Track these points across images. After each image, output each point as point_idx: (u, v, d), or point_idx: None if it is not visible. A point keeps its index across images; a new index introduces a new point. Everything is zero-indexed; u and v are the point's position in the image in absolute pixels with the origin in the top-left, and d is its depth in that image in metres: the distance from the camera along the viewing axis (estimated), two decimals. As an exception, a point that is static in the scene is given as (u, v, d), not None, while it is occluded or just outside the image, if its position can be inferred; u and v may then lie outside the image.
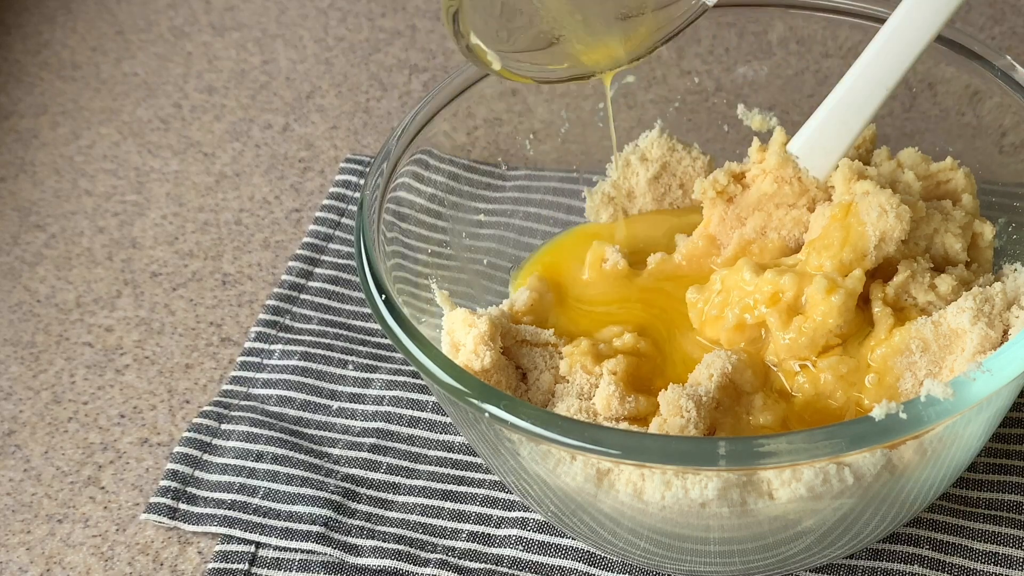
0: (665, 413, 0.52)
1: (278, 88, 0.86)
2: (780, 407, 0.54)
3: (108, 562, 0.60)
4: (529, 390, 0.57)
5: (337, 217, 0.75)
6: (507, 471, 0.54)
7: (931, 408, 0.46)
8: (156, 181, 0.80)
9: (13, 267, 0.75)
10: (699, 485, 0.48)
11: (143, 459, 0.64)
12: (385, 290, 0.53)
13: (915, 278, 0.56)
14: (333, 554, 0.59)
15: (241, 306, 0.72)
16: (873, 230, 0.55)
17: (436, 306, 0.59)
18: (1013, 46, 0.82)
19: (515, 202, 0.68)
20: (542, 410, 0.48)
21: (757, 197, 0.59)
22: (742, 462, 0.46)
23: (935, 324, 0.53)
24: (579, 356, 0.56)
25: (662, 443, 0.47)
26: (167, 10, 0.93)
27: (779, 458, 0.46)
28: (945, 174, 0.61)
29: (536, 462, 0.51)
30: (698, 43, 0.69)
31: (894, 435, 0.46)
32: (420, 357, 0.51)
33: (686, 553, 0.53)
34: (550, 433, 0.47)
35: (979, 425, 0.51)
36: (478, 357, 0.54)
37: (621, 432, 0.49)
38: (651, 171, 0.65)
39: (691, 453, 0.46)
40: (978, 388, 0.47)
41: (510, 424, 0.48)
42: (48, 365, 0.69)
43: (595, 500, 0.51)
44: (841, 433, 0.46)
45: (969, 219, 0.59)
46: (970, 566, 0.56)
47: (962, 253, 0.58)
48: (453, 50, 0.87)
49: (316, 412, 0.65)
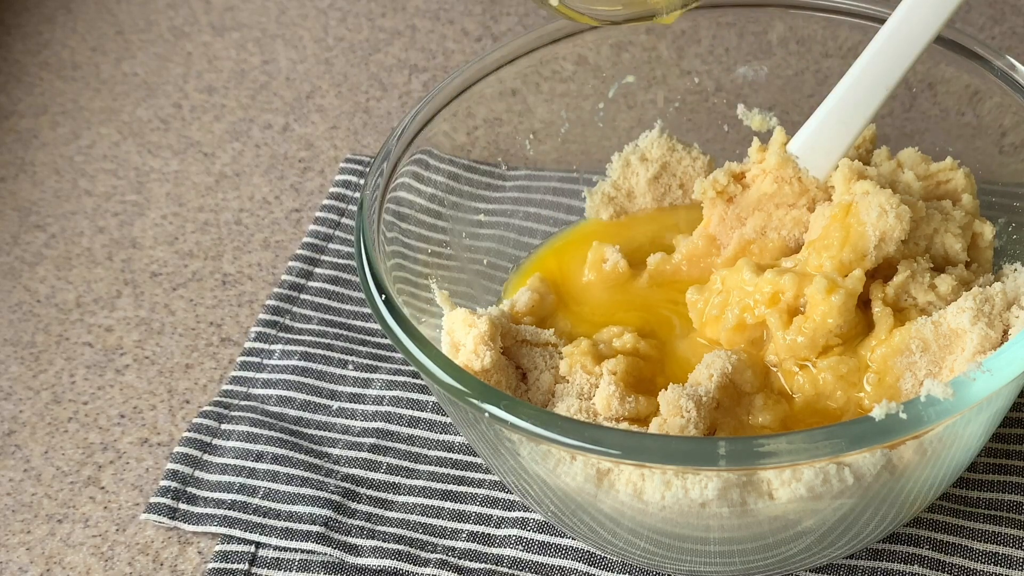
0: (665, 413, 0.52)
1: (278, 88, 0.86)
2: (780, 407, 0.54)
3: (108, 562, 0.60)
4: (529, 390, 0.57)
5: (337, 217, 0.75)
6: (507, 471, 0.54)
7: (931, 408, 0.46)
8: (156, 181, 0.80)
9: (13, 267, 0.75)
10: (699, 485, 0.48)
11: (143, 459, 0.64)
12: (385, 290, 0.53)
13: (915, 278, 0.56)
14: (333, 554, 0.59)
15: (241, 306, 0.72)
16: (873, 230, 0.55)
17: (436, 306, 0.59)
18: (1013, 46, 0.82)
19: (515, 202, 0.68)
20: (542, 410, 0.48)
21: (757, 197, 0.59)
22: (742, 462, 0.46)
23: (935, 324, 0.53)
24: (579, 356, 0.56)
25: (662, 443, 0.47)
26: (167, 10, 0.93)
27: (779, 458, 0.46)
28: (945, 174, 0.61)
29: (536, 462, 0.51)
30: (698, 43, 0.69)
31: (894, 435, 0.46)
32: (420, 357, 0.51)
33: (686, 553, 0.53)
34: (550, 433, 0.47)
35: (979, 425, 0.51)
36: (478, 357, 0.54)
37: (621, 432, 0.49)
38: (651, 171, 0.65)
39: (691, 453, 0.46)
40: (978, 388, 0.47)
41: (510, 424, 0.48)
42: (48, 365, 0.69)
43: (595, 500, 0.51)
44: (841, 433, 0.46)
45: (969, 219, 0.59)
46: (970, 566, 0.56)
47: (962, 253, 0.58)
48: (453, 50, 0.87)
49: (316, 412, 0.65)
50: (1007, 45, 0.82)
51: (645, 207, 0.66)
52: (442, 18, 0.90)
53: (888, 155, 0.63)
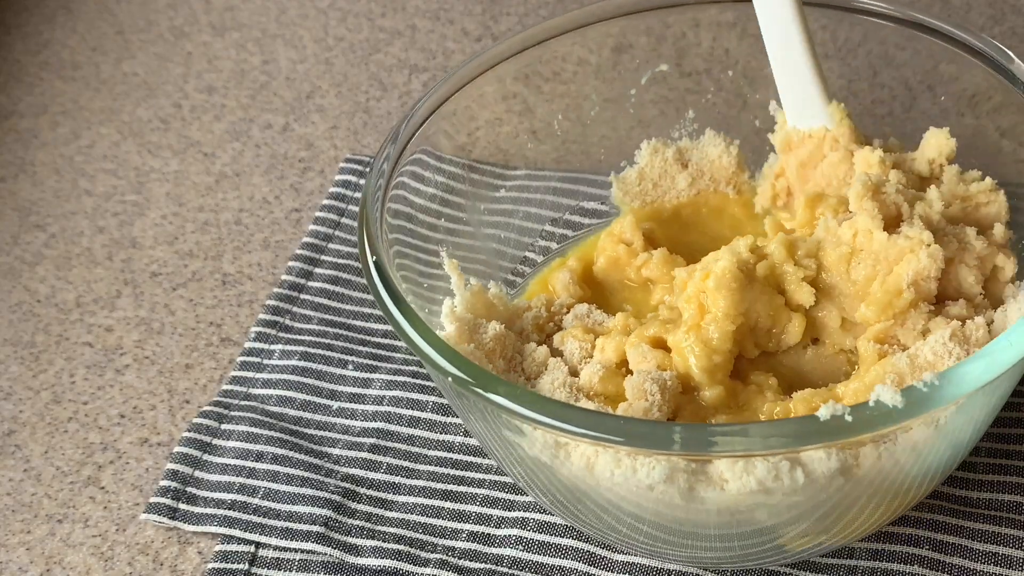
0: (631, 397, 0.53)
1: (278, 88, 0.86)
2: (739, 417, 0.54)
3: (108, 562, 0.60)
4: (524, 361, 0.57)
5: (337, 217, 0.75)
6: (480, 433, 0.55)
7: (877, 412, 0.46)
8: (156, 181, 0.80)
9: (13, 267, 0.75)
10: (647, 466, 0.49)
11: (143, 459, 0.64)
12: (377, 252, 0.55)
13: (904, 325, 0.54)
14: (333, 554, 0.59)
15: (241, 306, 0.72)
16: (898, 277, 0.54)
17: (436, 306, 0.59)
18: (1013, 46, 0.82)
19: (515, 202, 0.68)
20: (498, 378, 0.49)
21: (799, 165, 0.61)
22: (693, 448, 0.46)
23: (911, 357, 0.52)
24: (575, 331, 0.58)
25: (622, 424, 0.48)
26: (167, 10, 0.93)
27: (724, 447, 0.46)
28: (986, 195, 0.58)
29: (507, 428, 0.51)
30: (698, 44, 0.69)
31: (839, 436, 0.46)
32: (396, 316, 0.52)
33: (647, 536, 0.53)
34: (507, 402, 0.48)
35: (942, 438, 0.50)
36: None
37: (579, 410, 0.50)
38: (679, 160, 0.66)
39: (647, 435, 0.47)
40: (929, 397, 0.46)
41: (472, 389, 0.49)
42: (48, 365, 0.69)
43: (552, 470, 0.51)
44: (785, 430, 0.46)
45: (992, 251, 0.55)
46: (970, 566, 0.56)
47: (976, 286, 0.55)
48: (453, 50, 0.87)
49: (316, 412, 0.65)
50: (1007, 45, 0.81)
51: (672, 196, 0.66)
52: (442, 18, 0.90)
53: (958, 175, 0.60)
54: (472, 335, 0.56)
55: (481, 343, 0.56)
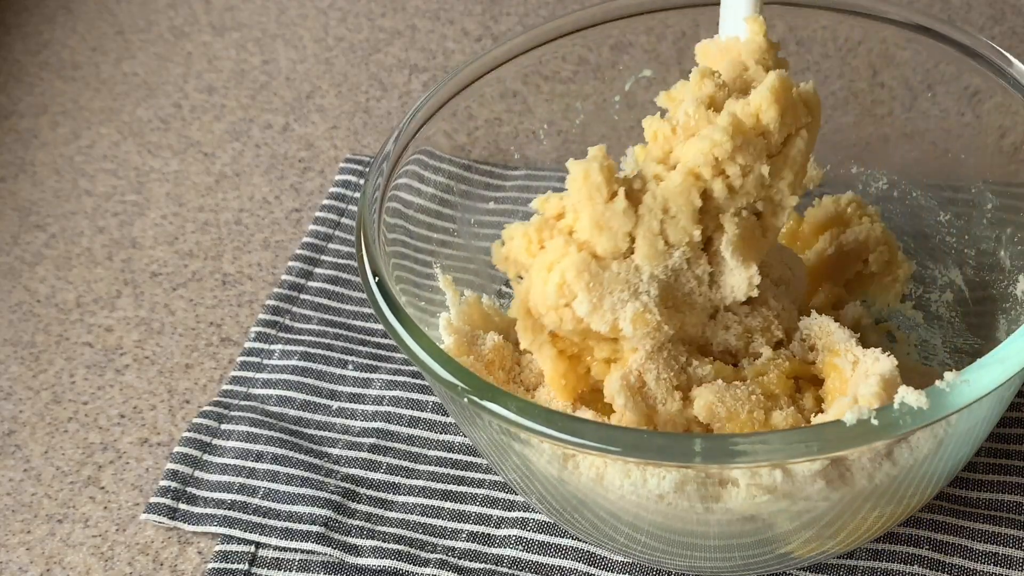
0: (608, 396, 0.53)
1: (278, 88, 0.86)
2: (727, 371, 0.54)
3: (108, 562, 0.60)
4: (522, 372, 0.57)
5: (337, 217, 0.75)
6: (482, 442, 0.54)
7: (904, 414, 0.46)
8: (156, 181, 0.80)
9: (13, 267, 0.75)
10: (657, 476, 0.48)
11: (143, 459, 0.64)
12: (379, 271, 0.54)
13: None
14: (333, 554, 0.59)
15: (241, 306, 0.72)
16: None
17: (436, 306, 0.59)
18: (1013, 46, 0.82)
19: (515, 202, 0.68)
20: (510, 394, 0.49)
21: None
22: (716, 459, 0.46)
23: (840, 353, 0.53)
24: None
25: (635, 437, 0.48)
26: (167, 10, 0.93)
27: (751, 457, 0.46)
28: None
29: (513, 438, 0.51)
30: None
31: (867, 440, 0.46)
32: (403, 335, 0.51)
33: (658, 543, 0.53)
34: (512, 415, 0.48)
35: (954, 439, 0.50)
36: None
37: (592, 424, 0.49)
38: None
39: (665, 448, 0.46)
40: (955, 396, 0.46)
41: (473, 399, 0.48)
42: (48, 365, 0.69)
43: (560, 482, 0.51)
44: (814, 436, 0.46)
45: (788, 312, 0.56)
46: (970, 566, 0.56)
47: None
48: (453, 50, 0.87)
49: (316, 412, 0.65)
50: (1007, 45, 0.82)
51: None
52: (442, 18, 0.90)
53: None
54: (471, 347, 0.56)
55: (480, 355, 0.56)
